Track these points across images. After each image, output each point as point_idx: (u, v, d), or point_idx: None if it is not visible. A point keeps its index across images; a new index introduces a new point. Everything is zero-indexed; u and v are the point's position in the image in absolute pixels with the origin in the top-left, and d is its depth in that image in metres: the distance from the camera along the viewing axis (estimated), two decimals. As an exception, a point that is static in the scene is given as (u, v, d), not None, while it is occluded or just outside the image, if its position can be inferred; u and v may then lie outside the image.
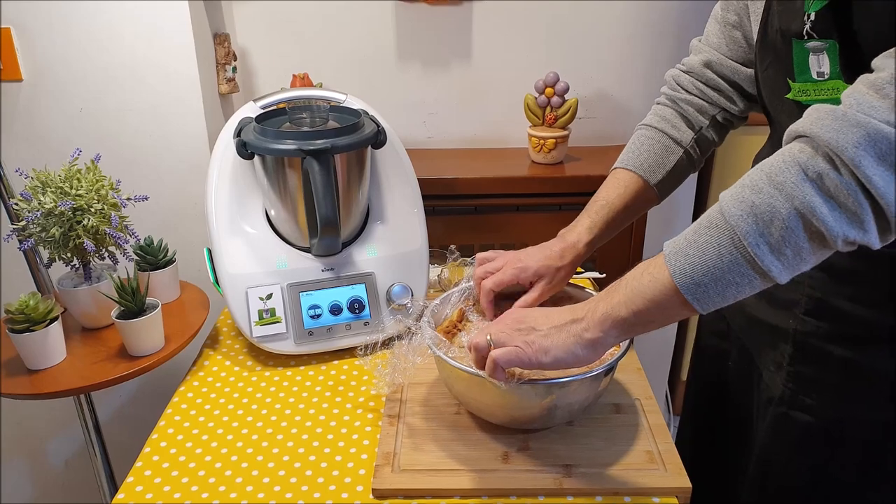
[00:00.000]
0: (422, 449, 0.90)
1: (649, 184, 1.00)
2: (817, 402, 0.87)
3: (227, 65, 1.60)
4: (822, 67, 0.74)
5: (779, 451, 0.92)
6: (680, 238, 0.69)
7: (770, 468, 0.93)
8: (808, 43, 0.74)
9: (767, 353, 0.92)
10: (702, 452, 1.12)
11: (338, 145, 1.05)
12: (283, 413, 1.01)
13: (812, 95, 0.77)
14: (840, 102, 0.62)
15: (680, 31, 1.80)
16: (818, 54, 0.74)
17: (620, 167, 1.03)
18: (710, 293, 0.66)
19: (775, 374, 0.91)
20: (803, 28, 0.74)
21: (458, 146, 1.90)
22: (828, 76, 0.74)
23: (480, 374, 0.83)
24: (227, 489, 0.87)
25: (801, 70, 0.77)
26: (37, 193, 1.09)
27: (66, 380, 1.07)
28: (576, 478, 0.85)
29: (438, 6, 1.73)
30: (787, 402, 0.89)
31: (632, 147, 1.04)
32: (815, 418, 0.87)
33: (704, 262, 0.65)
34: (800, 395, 0.88)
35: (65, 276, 1.18)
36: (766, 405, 0.93)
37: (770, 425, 0.92)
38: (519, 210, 1.70)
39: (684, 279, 0.66)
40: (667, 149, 1.02)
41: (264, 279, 1.11)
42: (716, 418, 1.09)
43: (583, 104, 1.80)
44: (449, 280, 1.26)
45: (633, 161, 1.02)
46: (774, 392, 0.90)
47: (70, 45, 1.43)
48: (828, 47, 0.73)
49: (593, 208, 1.01)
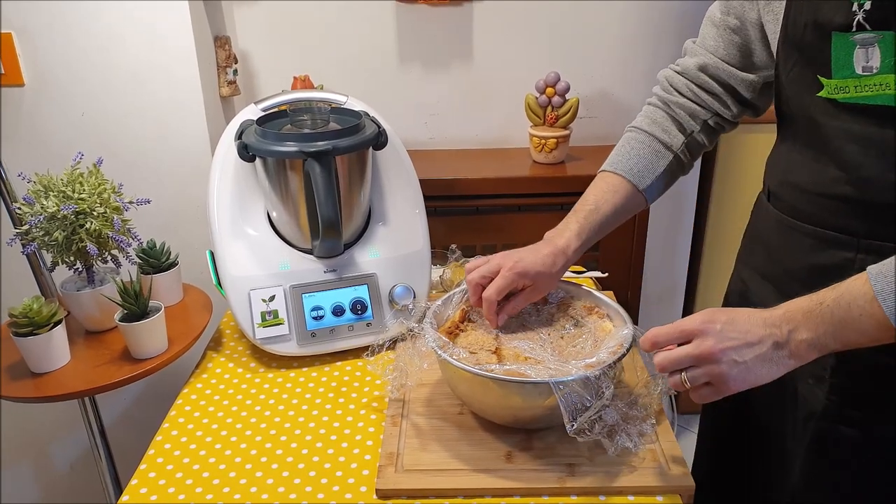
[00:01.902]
0: (425, 449, 0.90)
1: (638, 189, 0.99)
2: (863, 414, 0.84)
3: (228, 67, 1.60)
4: (871, 61, 0.72)
5: (823, 467, 0.88)
6: (887, 274, 0.66)
7: (813, 483, 0.90)
8: (855, 35, 0.72)
9: (803, 366, 0.89)
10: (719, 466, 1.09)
11: (339, 147, 1.05)
12: (287, 414, 1.01)
13: (852, 92, 0.75)
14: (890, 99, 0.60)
15: (680, 30, 1.80)
16: (867, 47, 0.72)
17: (609, 171, 1.01)
18: None
19: (815, 388, 0.87)
20: (850, 20, 0.72)
21: (459, 147, 1.90)
22: (877, 70, 0.72)
23: (484, 374, 0.83)
24: (231, 490, 0.87)
25: (841, 65, 0.75)
26: (40, 197, 1.10)
27: (71, 383, 1.07)
28: (579, 476, 0.85)
29: (439, 7, 1.74)
30: (831, 416, 0.85)
31: (621, 150, 1.02)
32: (861, 433, 0.84)
33: None
34: (845, 408, 0.84)
35: (68, 280, 1.19)
36: (804, 421, 0.89)
37: (812, 440, 0.88)
38: (520, 210, 1.70)
39: None
40: (657, 153, 1.00)
41: (267, 281, 1.11)
42: (736, 433, 1.05)
43: (584, 104, 1.80)
44: (451, 281, 1.27)
45: (623, 165, 1.00)
46: (816, 406, 0.87)
47: (71, 49, 1.43)
48: (881, 39, 0.70)
49: (582, 213, 0.98)
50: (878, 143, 0.75)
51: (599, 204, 0.98)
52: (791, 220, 0.88)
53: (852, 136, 0.77)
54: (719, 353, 0.71)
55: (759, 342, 0.71)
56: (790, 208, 0.89)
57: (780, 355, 0.71)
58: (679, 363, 0.74)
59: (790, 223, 0.88)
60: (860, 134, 0.76)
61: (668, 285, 2.11)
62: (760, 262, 0.97)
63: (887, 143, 0.74)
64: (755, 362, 0.71)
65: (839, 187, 0.80)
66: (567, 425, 0.80)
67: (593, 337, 0.97)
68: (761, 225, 0.97)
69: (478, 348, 0.94)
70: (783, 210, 0.90)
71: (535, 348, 0.95)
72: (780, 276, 0.92)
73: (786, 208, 0.90)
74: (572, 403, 0.81)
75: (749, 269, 1.01)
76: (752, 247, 1.01)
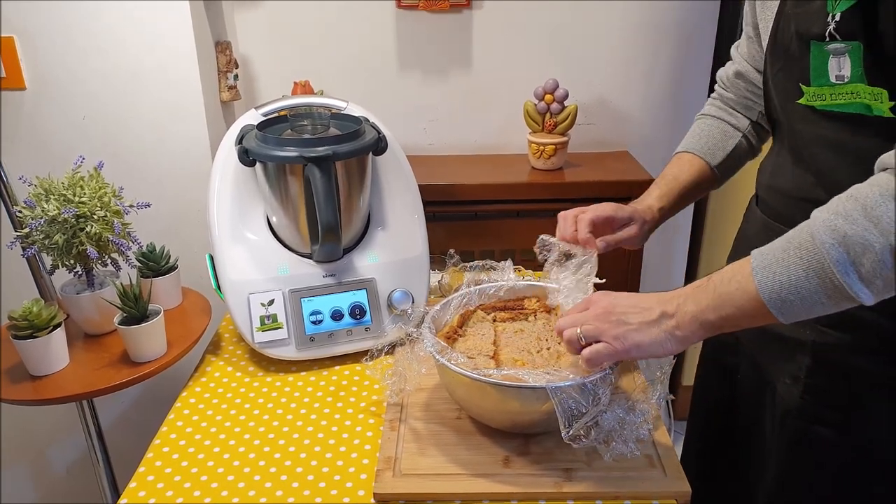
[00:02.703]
0: (423, 453, 0.90)
1: (710, 165, 1.04)
2: (838, 415, 0.86)
3: (229, 72, 1.61)
4: (843, 70, 0.74)
5: (798, 465, 0.91)
6: (768, 252, 0.70)
7: (788, 482, 0.92)
8: (828, 45, 0.74)
9: (782, 365, 0.91)
10: (708, 467, 1.11)
11: (339, 152, 1.06)
12: (285, 418, 1.01)
13: (828, 100, 0.77)
14: (862, 108, 0.62)
15: (679, 38, 1.81)
16: (839, 57, 0.74)
17: (682, 150, 1.07)
18: (795, 309, 0.68)
19: (791, 387, 0.89)
20: (825, 30, 0.74)
21: (458, 153, 1.91)
22: (848, 79, 0.74)
23: (482, 379, 0.84)
24: (229, 494, 0.87)
25: (817, 74, 0.77)
26: (40, 201, 1.10)
27: (69, 386, 1.07)
28: (576, 482, 0.85)
29: (439, 14, 1.75)
30: (805, 415, 0.88)
31: (692, 134, 1.08)
32: (836, 432, 0.86)
33: (791, 281, 0.67)
34: (818, 407, 0.87)
35: (68, 283, 1.19)
36: (781, 418, 0.91)
37: (788, 439, 0.90)
38: (519, 216, 1.71)
39: (771, 295, 0.68)
40: (725, 133, 1.05)
41: (266, 285, 1.12)
42: (723, 433, 1.08)
43: (582, 110, 1.81)
44: (449, 286, 1.27)
45: (694, 145, 1.06)
46: (791, 405, 0.89)
47: (73, 53, 1.44)
48: (850, 49, 0.72)
49: (662, 182, 1.05)
50: (851, 150, 0.77)
51: (678, 175, 1.05)
52: (775, 224, 0.90)
53: (827, 143, 0.80)
54: (610, 309, 0.79)
55: (648, 308, 0.78)
56: (774, 212, 0.92)
57: (668, 325, 0.76)
58: (575, 322, 0.81)
59: (774, 227, 0.90)
60: (834, 140, 0.79)
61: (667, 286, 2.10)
62: None
63: (860, 150, 0.76)
64: (642, 326, 0.77)
65: (815, 192, 0.82)
66: (563, 431, 0.81)
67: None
68: (750, 228, 1.00)
69: (476, 353, 0.95)
70: (768, 214, 0.93)
71: (532, 353, 0.95)
72: None
73: (770, 212, 0.93)
74: (569, 409, 0.81)
75: None
76: (742, 250, 1.02)
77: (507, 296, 1.07)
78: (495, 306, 1.06)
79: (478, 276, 1.10)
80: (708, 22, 1.82)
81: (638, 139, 1.92)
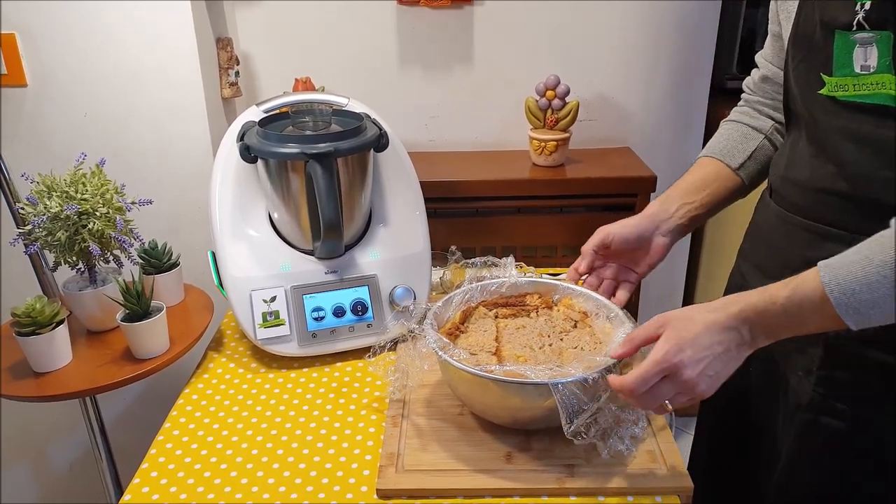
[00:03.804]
0: (425, 449, 0.91)
1: (731, 167, 1.03)
2: (849, 407, 0.85)
3: (230, 69, 1.61)
4: (869, 60, 0.74)
5: (806, 458, 0.90)
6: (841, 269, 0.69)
7: (797, 475, 0.91)
8: (855, 34, 0.74)
9: (795, 358, 0.90)
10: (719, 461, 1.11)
11: (340, 149, 1.06)
12: (287, 414, 1.01)
13: (851, 91, 0.77)
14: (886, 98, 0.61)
15: (681, 34, 1.81)
16: (866, 46, 0.73)
17: (701, 156, 1.07)
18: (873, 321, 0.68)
19: (804, 379, 0.89)
20: (852, 19, 0.73)
21: (459, 149, 1.91)
22: (874, 69, 0.73)
23: (484, 375, 0.84)
24: (232, 490, 0.87)
25: (840, 63, 0.76)
26: (43, 198, 1.10)
27: (72, 382, 1.07)
28: (578, 477, 0.86)
29: (440, 10, 1.74)
30: (817, 407, 0.87)
31: (713, 139, 1.08)
32: (846, 425, 0.85)
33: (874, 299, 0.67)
34: (830, 400, 0.86)
35: (70, 280, 1.19)
36: (793, 411, 0.91)
37: (798, 431, 0.90)
38: (520, 212, 1.71)
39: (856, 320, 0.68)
40: (745, 136, 1.05)
41: (268, 282, 1.12)
42: (735, 427, 1.07)
43: (583, 107, 1.81)
44: (451, 282, 1.27)
45: (713, 148, 1.06)
46: (802, 398, 0.89)
47: (74, 50, 1.44)
48: (879, 39, 0.72)
49: (673, 186, 1.05)
50: (873, 142, 0.77)
51: (691, 177, 1.05)
52: (790, 216, 0.90)
53: (849, 134, 0.79)
54: (697, 378, 0.75)
55: (725, 350, 0.75)
56: (789, 203, 0.91)
57: (742, 352, 0.76)
58: (663, 397, 0.77)
59: (789, 218, 0.90)
60: (857, 132, 0.78)
61: (667, 286, 2.11)
62: (760, 257, 0.99)
63: (882, 141, 0.75)
64: (724, 367, 0.76)
65: (835, 183, 0.81)
66: (564, 427, 0.81)
67: (593, 338, 0.97)
68: (762, 220, 0.99)
69: (478, 349, 0.95)
70: (783, 205, 0.92)
71: (534, 350, 0.96)
72: (778, 270, 0.93)
73: (785, 203, 0.92)
74: (571, 405, 0.81)
75: (749, 263, 1.02)
76: (754, 242, 1.03)
77: (508, 292, 1.07)
78: (497, 303, 1.06)
79: (479, 273, 1.10)
80: (708, 18, 1.81)
81: (639, 135, 1.92)
